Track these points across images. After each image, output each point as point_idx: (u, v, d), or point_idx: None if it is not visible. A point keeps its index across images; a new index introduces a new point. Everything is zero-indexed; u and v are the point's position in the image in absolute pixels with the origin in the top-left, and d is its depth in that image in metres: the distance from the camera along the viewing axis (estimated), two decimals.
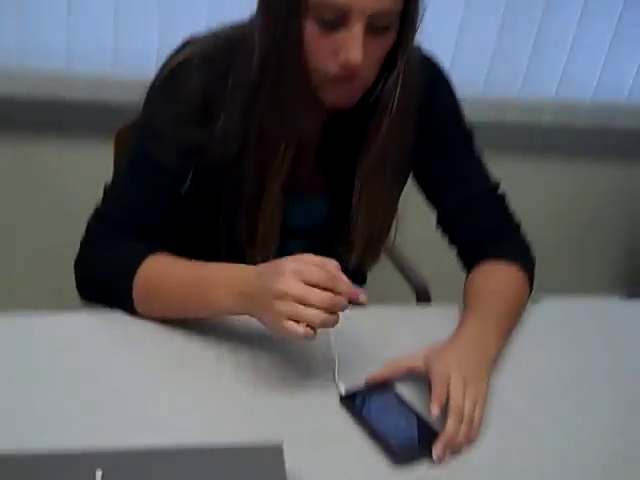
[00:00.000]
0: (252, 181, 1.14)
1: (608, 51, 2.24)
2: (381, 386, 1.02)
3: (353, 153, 1.18)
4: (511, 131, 2.26)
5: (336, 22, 1.00)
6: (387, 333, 1.16)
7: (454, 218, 1.27)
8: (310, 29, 1.02)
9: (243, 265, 1.04)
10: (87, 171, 1.22)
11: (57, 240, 2.06)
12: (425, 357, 1.02)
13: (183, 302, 1.08)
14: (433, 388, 0.96)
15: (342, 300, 0.93)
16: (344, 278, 0.95)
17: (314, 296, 0.92)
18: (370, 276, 1.52)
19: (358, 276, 1.52)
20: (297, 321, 0.91)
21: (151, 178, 1.15)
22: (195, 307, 1.07)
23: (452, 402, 0.95)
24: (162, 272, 1.10)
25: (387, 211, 1.25)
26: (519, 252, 1.26)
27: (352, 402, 0.99)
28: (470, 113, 2.04)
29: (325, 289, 0.92)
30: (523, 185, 2.36)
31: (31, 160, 1.98)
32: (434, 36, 1.35)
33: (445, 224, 1.30)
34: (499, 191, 1.29)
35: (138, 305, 1.10)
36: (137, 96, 1.18)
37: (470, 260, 1.27)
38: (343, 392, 1.01)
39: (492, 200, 1.29)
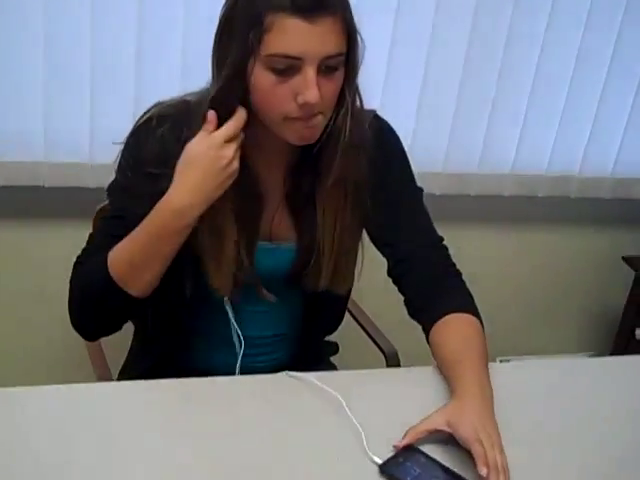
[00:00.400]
0: (215, 229, 1.25)
1: (559, 126, 2.35)
2: (407, 448, 1.09)
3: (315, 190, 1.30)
4: (472, 202, 2.35)
5: (290, 70, 1.12)
6: (403, 395, 1.24)
7: (405, 267, 1.35)
8: (266, 78, 1.13)
9: (165, 198, 1.19)
10: (67, 251, 1.31)
11: (39, 319, 2.10)
12: (446, 419, 1.10)
13: (154, 251, 1.21)
14: (473, 450, 1.05)
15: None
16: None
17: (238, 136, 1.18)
18: (342, 343, 1.59)
19: (331, 346, 1.59)
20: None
21: (122, 225, 1.25)
22: (166, 244, 1.21)
23: (490, 460, 1.03)
24: (122, 248, 1.23)
25: (351, 237, 1.33)
26: (470, 301, 1.35)
27: (390, 469, 1.05)
28: (433, 186, 2.14)
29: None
30: (484, 253, 2.46)
31: (14, 242, 2.05)
32: (396, 116, 1.47)
33: (397, 273, 1.37)
34: (443, 243, 1.39)
35: (123, 283, 1.22)
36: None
37: (420, 307, 1.34)
38: (379, 461, 1.06)
39: (439, 251, 1.38)
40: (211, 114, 1.18)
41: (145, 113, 1.29)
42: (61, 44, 1.84)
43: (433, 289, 1.33)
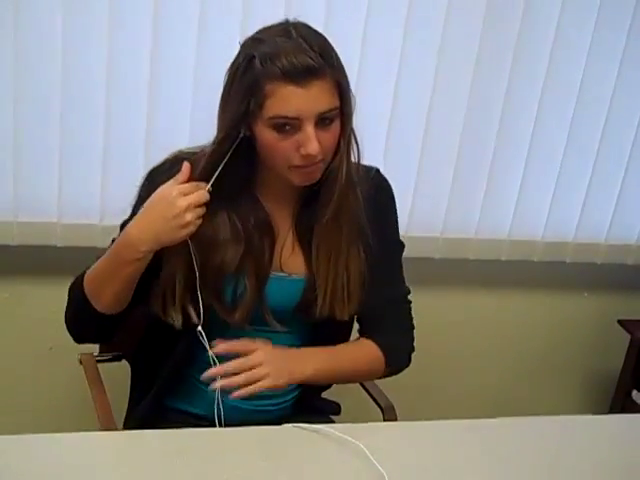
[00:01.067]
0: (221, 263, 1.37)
1: (554, 193, 2.41)
2: None
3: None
4: (470, 266, 2.40)
5: (291, 127, 1.26)
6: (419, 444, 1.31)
7: (367, 310, 1.49)
8: (270, 136, 1.27)
9: (125, 229, 1.33)
10: None
11: (46, 372, 2.15)
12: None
13: (111, 273, 1.34)
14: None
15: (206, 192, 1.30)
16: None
17: (201, 194, 1.28)
18: (342, 399, 1.63)
19: (332, 405, 1.64)
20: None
21: None
22: (120, 267, 1.32)
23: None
24: (94, 266, 1.38)
25: (348, 268, 1.42)
26: (391, 347, 1.49)
27: None
28: (431, 250, 2.18)
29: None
30: (481, 315, 2.50)
31: (27, 298, 2.12)
32: (396, 183, 1.55)
33: (359, 311, 1.49)
34: (409, 297, 1.53)
35: (90, 297, 1.35)
36: None
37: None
38: None
39: (402, 306, 1.54)
40: (185, 166, 1.31)
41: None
42: (76, 113, 1.93)
43: (379, 333, 1.50)
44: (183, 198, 1.27)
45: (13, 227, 1.97)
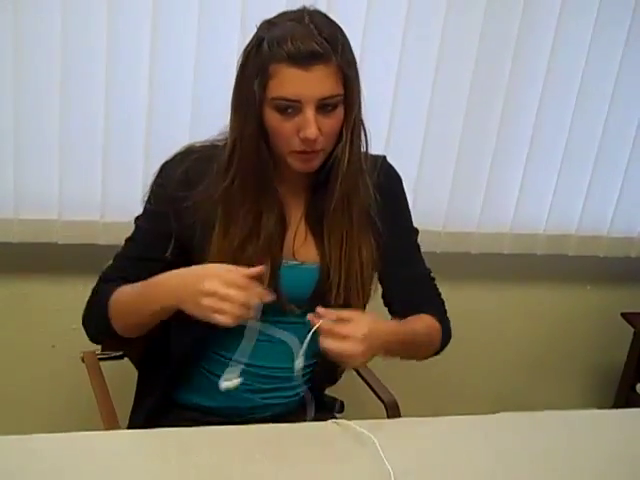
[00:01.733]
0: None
1: (556, 186, 2.40)
2: None
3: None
4: (473, 260, 2.40)
5: (293, 110, 1.27)
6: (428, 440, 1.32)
7: (396, 294, 1.52)
8: (274, 117, 1.29)
9: (178, 271, 1.31)
10: (78, 305, 1.39)
11: (51, 369, 2.14)
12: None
13: (136, 305, 1.34)
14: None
15: (253, 297, 1.21)
16: (256, 285, 1.24)
17: (234, 294, 1.20)
18: (345, 395, 1.63)
19: (336, 404, 1.64)
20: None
21: (134, 247, 1.42)
22: (144, 306, 1.34)
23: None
24: (124, 291, 1.38)
25: (360, 255, 1.43)
26: (442, 316, 1.52)
27: None
28: (434, 244, 2.18)
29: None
30: (484, 310, 2.50)
31: (28, 296, 2.11)
32: None
33: (388, 298, 1.53)
34: (431, 275, 1.55)
35: (113, 321, 1.37)
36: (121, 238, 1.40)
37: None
38: None
39: (427, 283, 1.55)
40: (259, 270, 1.26)
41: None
42: (76, 110, 1.93)
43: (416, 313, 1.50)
44: (214, 283, 1.21)
45: (14, 224, 1.96)
